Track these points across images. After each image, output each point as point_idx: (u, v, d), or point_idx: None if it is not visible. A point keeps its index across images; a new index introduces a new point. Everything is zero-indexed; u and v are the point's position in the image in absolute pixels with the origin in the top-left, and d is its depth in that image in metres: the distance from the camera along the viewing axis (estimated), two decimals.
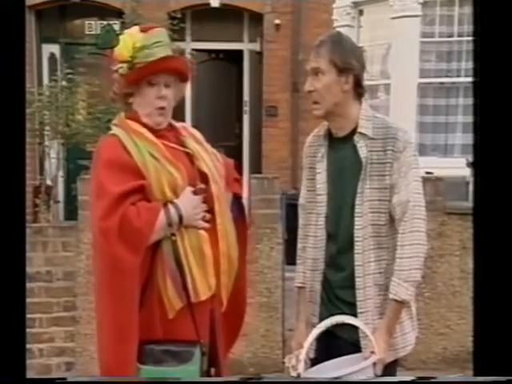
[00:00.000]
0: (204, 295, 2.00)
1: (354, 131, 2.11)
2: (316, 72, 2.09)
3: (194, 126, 2.40)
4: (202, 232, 2.02)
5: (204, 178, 2.07)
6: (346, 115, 2.12)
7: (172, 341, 1.97)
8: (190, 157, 2.09)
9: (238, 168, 2.35)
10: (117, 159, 1.97)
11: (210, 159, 2.13)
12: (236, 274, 2.11)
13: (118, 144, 2.00)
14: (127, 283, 1.90)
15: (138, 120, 2.06)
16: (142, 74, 2.04)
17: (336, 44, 2.09)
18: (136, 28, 2.10)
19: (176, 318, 1.97)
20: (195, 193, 2.03)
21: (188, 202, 2.00)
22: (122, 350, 1.91)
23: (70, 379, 1.98)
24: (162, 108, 2.06)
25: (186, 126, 2.25)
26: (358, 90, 2.12)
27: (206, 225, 2.03)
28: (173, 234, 1.97)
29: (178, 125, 2.19)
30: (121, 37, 2.06)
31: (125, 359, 1.91)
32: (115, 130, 2.07)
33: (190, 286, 1.97)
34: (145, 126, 2.06)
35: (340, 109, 2.10)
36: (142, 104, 2.07)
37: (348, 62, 2.07)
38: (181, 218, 1.97)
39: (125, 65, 2.03)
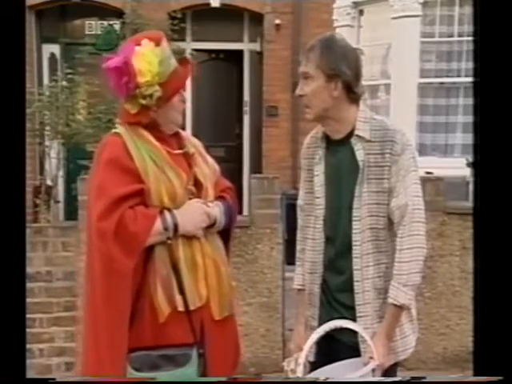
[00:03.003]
0: (194, 305, 1.99)
1: (351, 133, 2.07)
2: (306, 76, 2.06)
3: (194, 126, 2.41)
4: (196, 242, 2.02)
5: (197, 186, 2.08)
6: (339, 119, 2.08)
7: (167, 345, 1.95)
8: (190, 164, 2.09)
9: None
10: (118, 160, 1.96)
11: (209, 170, 2.14)
12: (223, 278, 2.09)
13: (120, 144, 1.98)
14: (120, 285, 1.89)
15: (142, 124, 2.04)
16: (180, 85, 2.04)
17: (325, 50, 2.03)
18: (148, 42, 1.97)
19: (168, 322, 1.96)
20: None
21: (190, 211, 2.00)
22: (112, 351, 1.90)
23: (61, 379, 1.97)
24: (183, 109, 2.11)
25: (189, 135, 2.25)
26: (351, 96, 2.06)
27: (202, 233, 2.04)
28: (169, 238, 1.97)
29: (182, 132, 2.19)
30: (141, 58, 1.93)
31: (116, 360, 1.90)
32: (119, 128, 2.04)
33: (178, 295, 1.96)
34: (148, 129, 2.03)
35: (331, 113, 2.06)
36: (167, 113, 2.04)
37: (336, 68, 2.01)
38: (176, 226, 1.97)
39: (156, 86, 1.95)
